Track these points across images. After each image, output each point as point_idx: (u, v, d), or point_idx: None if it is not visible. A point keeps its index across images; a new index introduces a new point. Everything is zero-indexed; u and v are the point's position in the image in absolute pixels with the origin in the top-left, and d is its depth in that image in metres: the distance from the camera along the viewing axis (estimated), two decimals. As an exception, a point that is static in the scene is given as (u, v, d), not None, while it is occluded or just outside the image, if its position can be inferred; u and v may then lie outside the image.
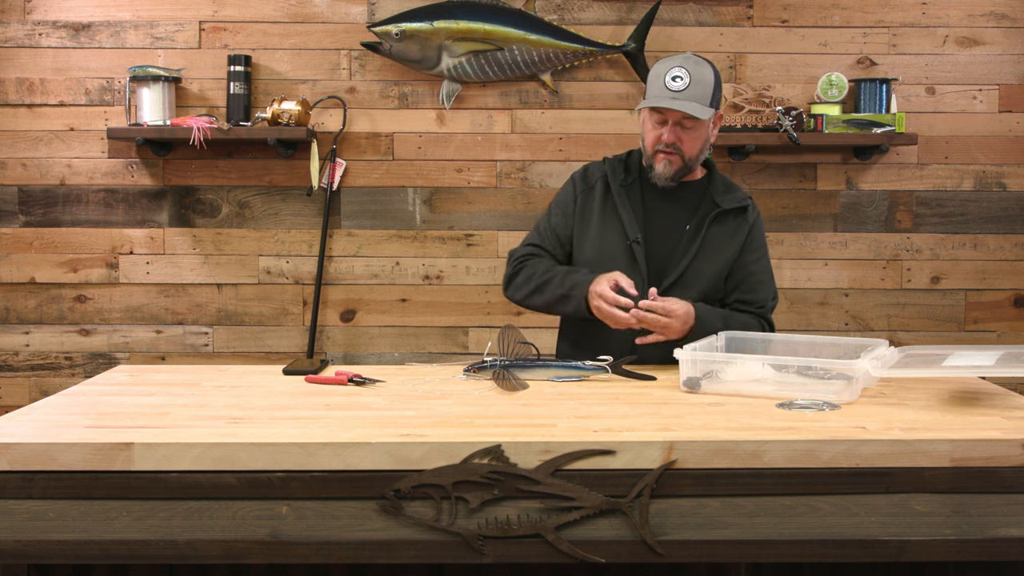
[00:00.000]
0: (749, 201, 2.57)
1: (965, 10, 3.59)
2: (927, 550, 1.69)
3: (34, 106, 3.58)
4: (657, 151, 2.46)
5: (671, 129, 2.43)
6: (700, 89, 2.40)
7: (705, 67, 2.44)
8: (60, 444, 1.68)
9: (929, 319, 3.66)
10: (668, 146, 2.44)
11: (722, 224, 2.52)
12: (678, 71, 2.41)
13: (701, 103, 2.41)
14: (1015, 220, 3.64)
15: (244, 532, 1.68)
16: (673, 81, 2.40)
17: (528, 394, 2.12)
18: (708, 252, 2.48)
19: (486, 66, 3.53)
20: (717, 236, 2.50)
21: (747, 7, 3.59)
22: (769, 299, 2.55)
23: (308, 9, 3.59)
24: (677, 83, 2.40)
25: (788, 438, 1.70)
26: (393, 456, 1.68)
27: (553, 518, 1.68)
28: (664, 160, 2.46)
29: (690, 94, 2.39)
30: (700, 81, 2.40)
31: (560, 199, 2.62)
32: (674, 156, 2.46)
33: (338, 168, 3.59)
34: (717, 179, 2.58)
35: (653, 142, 2.46)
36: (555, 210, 2.62)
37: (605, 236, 2.51)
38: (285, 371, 2.38)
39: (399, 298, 3.66)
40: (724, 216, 2.52)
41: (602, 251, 2.51)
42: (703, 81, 2.41)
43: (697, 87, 2.40)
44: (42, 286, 3.63)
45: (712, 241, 2.49)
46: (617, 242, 2.50)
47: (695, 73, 2.40)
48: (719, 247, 2.49)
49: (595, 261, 2.50)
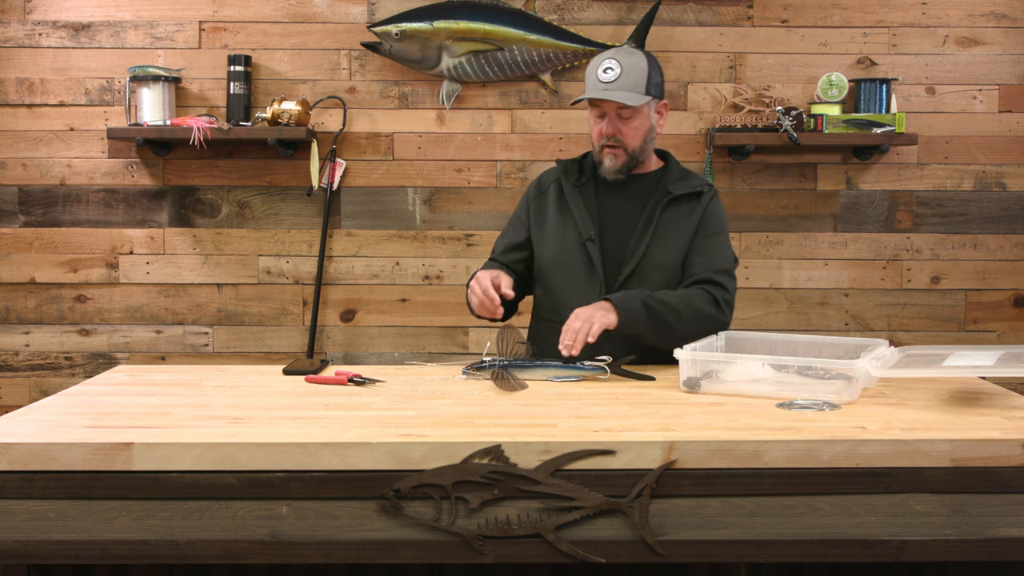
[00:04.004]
0: (704, 187, 2.55)
1: (965, 10, 3.59)
2: (927, 550, 1.69)
3: (34, 106, 3.58)
4: (603, 146, 2.48)
5: (609, 121, 2.45)
6: (632, 78, 2.41)
7: (637, 56, 2.46)
8: (60, 444, 1.68)
9: (929, 319, 3.66)
10: (610, 139, 2.46)
11: (675, 210, 2.50)
12: (609, 63, 2.43)
13: (634, 92, 2.42)
14: (1015, 220, 3.64)
15: (244, 532, 1.68)
16: (604, 73, 2.42)
17: (528, 394, 2.12)
18: (662, 240, 2.48)
19: (486, 66, 3.53)
20: (670, 223, 2.49)
21: (747, 7, 3.59)
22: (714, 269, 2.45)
23: (308, 9, 3.59)
24: (608, 74, 2.42)
25: (788, 438, 1.70)
26: (393, 456, 1.68)
27: (553, 518, 1.68)
28: (610, 154, 2.48)
29: (621, 84, 2.41)
30: (631, 70, 2.42)
31: (516, 211, 2.68)
32: (618, 149, 2.47)
33: (338, 168, 3.59)
34: (673, 169, 2.58)
35: (597, 136, 2.49)
36: (510, 222, 2.67)
37: (562, 237, 2.53)
38: (285, 371, 2.38)
39: (399, 298, 3.66)
40: (676, 202, 2.51)
41: (560, 252, 2.52)
42: (635, 70, 2.42)
43: (628, 76, 2.41)
44: (42, 286, 3.63)
45: (665, 228, 2.48)
46: (573, 242, 2.51)
47: (626, 63, 2.42)
48: (673, 234, 2.48)
49: (554, 262, 2.53)
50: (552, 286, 2.54)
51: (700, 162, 3.60)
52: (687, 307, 2.37)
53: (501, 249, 2.64)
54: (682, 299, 2.38)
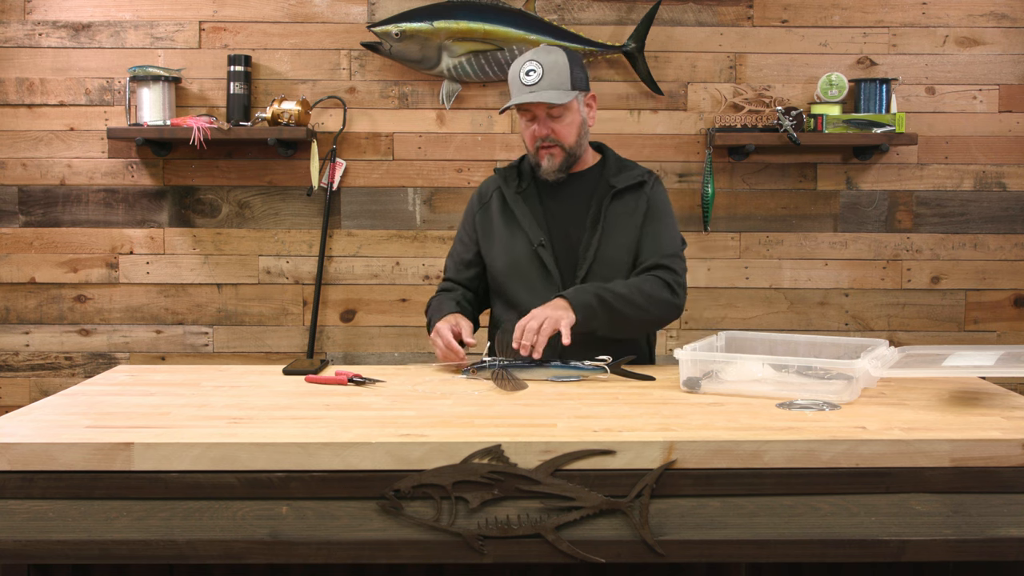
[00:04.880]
0: (646, 176, 2.55)
1: (965, 10, 3.59)
2: (927, 550, 1.69)
3: (34, 106, 3.58)
4: (538, 148, 2.48)
5: (542, 123, 2.45)
6: (554, 76, 2.42)
7: (556, 53, 2.46)
8: (60, 444, 1.68)
9: (929, 319, 3.66)
10: (545, 140, 2.46)
11: (620, 203, 2.51)
12: (530, 64, 2.44)
13: (559, 89, 2.42)
14: (1015, 220, 3.64)
15: (244, 532, 1.68)
16: (527, 76, 2.43)
17: (528, 394, 2.12)
18: (611, 234, 2.48)
19: (486, 66, 3.53)
20: (617, 216, 2.50)
21: (747, 7, 3.59)
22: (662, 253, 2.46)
23: (308, 9, 3.59)
24: (531, 76, 2.42)
25: (788, 438, 1.70)
26: (393, 456, 1.68)
27: (553, 518, 1.68)
28: (546, 155, 2.48)
29: (545, 83, 2.41)
30: (553, 68, 2.42)
31: (460, 228, 2.67)
32: (554, 148, 2.47)
33: (338, 168, 3.59)
34: (611, 162, 2.58)
35: (531, 140, 2.49)
36: (458, 239, 2.66)
37: (511, 246, 2.52)
38: (285, 371, 2.38)
39: (399, 298, 3.66)
40: (620, 195, 2.51)
41: (511, 261, 2.52)
42: (556, 67, 2.42)
43: (551, 75, 2.41)
44: (42, 286, 3.63)
45: (613, 222, 2.49)
46: (523, 249, 2.50)
47: (546, 62, 2.43)
48: (621, 226, 2.49)
49: (508, 272, 2.52)
50: (510, 297, 2.52)
51: (700, 162, 3.60)
52: (641, 294, 2.37)
53: (453, 269, 2.63)
54: (635, 287, 2.38)
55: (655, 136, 3.61)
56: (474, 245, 2.61)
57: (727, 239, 3.64)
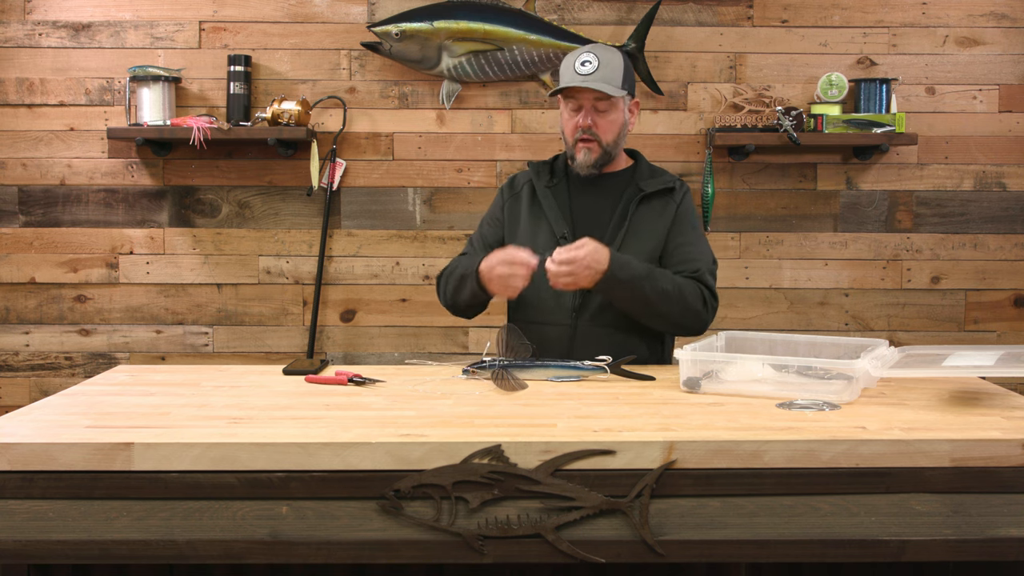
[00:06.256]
0: (676, 183, 2.58)
1: (965, 10, 3.59)
2: (927, 550, 1.69)
3: (34, 106, 3.58)
4: (577, 140, 2.50)
5: (586, 113, 2.47)
6: (609, 71, 2.45)
7: (613, 52, 2.50)
8: (60, 444, 1.68)
9: (929, 319, 3.66)
10: (585, 132, 2.48)
11: (648, 206, 2.53)
12: (586, 56, 2.46)
13: (612, 84, 2.44)
14: (1015, 220, 3.64)
15: (244, 532, 1.68)
16: (582, 66, 2.45)
17: (528, 394, 2.12)
18: (636, 236, 2.49)
19: (486, 66, 3.53)
20: (643, 219, 2.51)
21: (747, 7, 3.59)
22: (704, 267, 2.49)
23: (308, 9, 3.59)
24: (586, 67, 2.44)
25: (788, 438, 1.70)
26: (393, 456, 1.68)
27: (553, 518, 1.68)
28: (584, 148, 2.50)
29: (599, 76, 2.44)
30: (608, 64, 2.45)
31: (489, 211, 2.69)
32: (592, 143, 2.49)
33: (338, 168, 3.59)
34: (643, 167, 2.61)
35: (572, 131, 2.51)
36: (485, 221, 2.67)
37: (534, 236, 2.54)
38: (285, 371, 2.38)
39: (399, 298, 3.66)
40: (649, 199, 2.53)
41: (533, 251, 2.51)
42: (611, 64, 2.46)
43: (606, 70, 2.44)
44: (42, 286, 3.63)
45: (639, 225, 2.50)
46: (546, 240, 2.52)
47: (603, 57, 2.46)
48: (647, 229, 2.50)
49: None
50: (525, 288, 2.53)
51: (700, 162, 3.60)
52: (680, 298, 2.39)
53: (477, 245, 2.63)
54: (678, 288, 2.40)
55: (655, 136, 3.61)
56: (500, 229, 2.63)
57: (727, 239, 3.64)
